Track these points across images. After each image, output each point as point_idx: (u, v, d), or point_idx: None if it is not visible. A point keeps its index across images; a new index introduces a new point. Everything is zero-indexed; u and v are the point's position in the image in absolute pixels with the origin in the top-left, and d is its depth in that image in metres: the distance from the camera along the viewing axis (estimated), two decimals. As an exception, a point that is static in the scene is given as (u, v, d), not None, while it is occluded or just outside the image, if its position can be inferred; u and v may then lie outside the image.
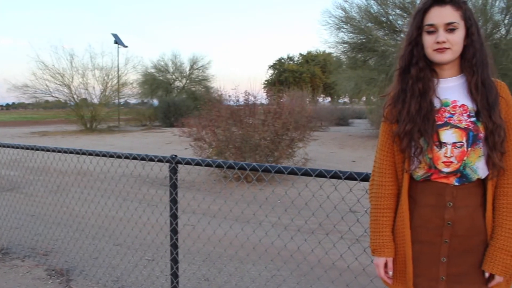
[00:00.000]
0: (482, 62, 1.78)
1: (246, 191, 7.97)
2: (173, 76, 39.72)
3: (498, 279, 1.77)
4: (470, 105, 1.77)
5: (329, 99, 51.17)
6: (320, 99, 49.25)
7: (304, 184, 3.96)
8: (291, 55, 57.95)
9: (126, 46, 35.36)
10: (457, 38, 1.75)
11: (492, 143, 1.73)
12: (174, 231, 3.34)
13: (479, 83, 1.76)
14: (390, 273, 1.91)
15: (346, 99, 37.15)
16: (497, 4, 18.03)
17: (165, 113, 32.50)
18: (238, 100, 10.56)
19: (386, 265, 1.91)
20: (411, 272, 1.84)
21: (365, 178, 2.46)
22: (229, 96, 11.45)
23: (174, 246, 3.35)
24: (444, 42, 1.73)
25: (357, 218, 3.11)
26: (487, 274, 1.79)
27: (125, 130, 29.72)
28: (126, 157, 3.51)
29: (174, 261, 3.35)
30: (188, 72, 39.57)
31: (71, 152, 3.89)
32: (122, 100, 34.77)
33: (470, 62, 1.78)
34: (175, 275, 3.36)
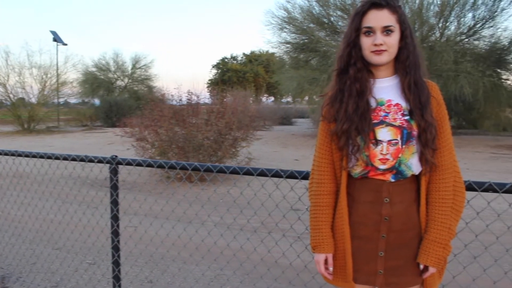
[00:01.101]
0: (415, 64, 1.86)
1: (188, 191, 7.92)
2: (115, 75, 38.79)
3: (431, 270, 1.86)
4: (404, 104, 1.85)
5: (272, 98, 51.60)
6: (264, 99, 49.61)
7: (246, 183, 3.98)
8: (234, 54, 58.12)
9: (66, 44, 34.22)
10: (393, 41, 1.82)
11: (425, 141, 1.81)
12: (115, 233, 3.28)
13: (412, 84, 1.84)
14: (331, 269, 1.96)
15: (289, 99, 37.56)
16: (432, 8, 18.77)
17: (107, 113, 31.72)
18: (181, 100, 10.47)
19: (326, 261, 1.96)
20: (350, 267, 1.90)
21: (305, 176, 2.51)
22: (172, 95, 11.34)
23: (116, 248, 3.29)
24: (381, 44, 1.80)
25: (299, 216, 3.17)
26: (421, 266, 1.87)
27: (65, 130, 28.77)
28: (65, 158, 3.41)
29: (116, 263, 3.29)
30: (130, 71, 38.74)
31: (6, 154, 3.74)
32: (61, 100, 33.60)
33: (404, 64, 1.86)
34: (117, 278, 3.31)
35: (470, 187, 2.26)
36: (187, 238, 4.33)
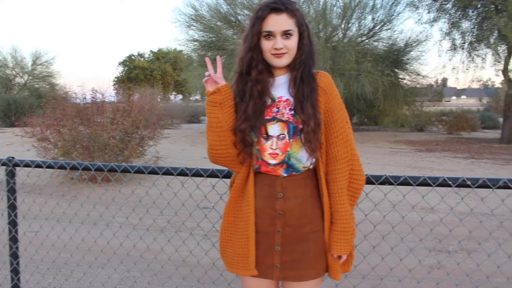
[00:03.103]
0: (304, 61, 1.91)
1: (92, 192, 7.65)
2: (13, 72, 36.52)
3: (344, 257, 1.95)
4: (291, 99, 1.90)
5: (180, 96, 51.13)
6: (172, 97, 49.07)
7: (152, 182, 3.89)
8: (141, 52, 56.86)
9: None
10: (293, 44, 1.87)
11: (305, 133, 1.86)
12: (13, 240, 3.09)
13: (298, 79, 1.89)
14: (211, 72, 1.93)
15: (198, 97, 37.43)
16: (335, 9, 19.52)
17: (5, 111, 29.70)
18: (85, 98, 10.07)
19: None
20: (253, 255, 1.92)
21: (211, 174, 2.51)
22: (76, 93, 10.88)
23: (14, 255, 3.11)
24: (281, 48, 1.84)
25: (205, 214, 3.17)
26: (335, 256, 1.94)
27: (-43, 130, 26.65)
28: (-47, 161, 3.16)
29: (15, 271, 3.11)
30: (30, 68, 36.67)
31: None
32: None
33: (295, 62, 1.91)
34: (16, 287, 3.12)
35: (368, 180, 2.38)
36: (92, 241, 4.18)
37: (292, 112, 1.88)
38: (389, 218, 4.08)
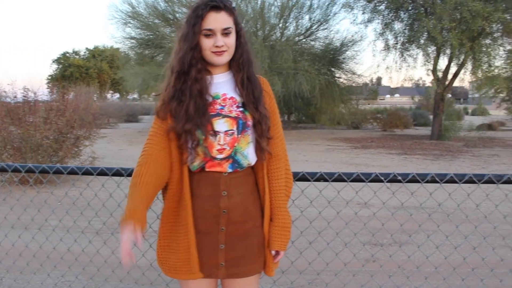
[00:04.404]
0: (248, 61, 1.96)
1: (23, 195, 7.36)
2: None
3: (282, 253, 1.99)
4: (238, 98, 1.94)
5: (118, 95, 50.03)
6: (109, 95, 47.94)
7: (86, 183, 3.79)
8: (76, 49, 55.07)
9: None
10: (232, 41, 1.90)
11: (260, 131, 1.92)
12: None
13: (245, 79, 1.94)
14: (139, 242, 1.84)
15: (135, 95, 36.80)
16: (273, 9, 19.74)
17: None
18: (16, 97, 9.66)
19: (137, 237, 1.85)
20: (196, 260, 1.91)
21: (147, 174, 2.48)
22: (6, 92, 10.40)
23: None
24: (222, 46, 1.86)
25: (142, 215, 3.12)
26: (273, 252, 1.98)
27: None
28: None
29: None
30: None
31: None
32: None
33: (238, 61, 1.95)
34: None
35: (304, 177, 2.44)
36: (23, 246, 4.02)
37: (241, 109, 1.92)
38: (325, 214, 4.18)
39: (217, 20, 1.85)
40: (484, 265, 4.08)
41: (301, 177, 2.44)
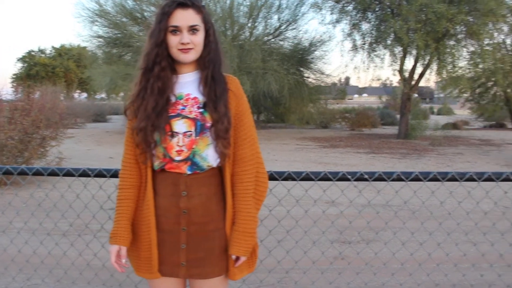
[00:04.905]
0: (214, 59, 1.95)
1: (-14, 197, 7.18)
2: None
3: (243, 259, 1.96)
4: (200, 97, 1.93)
5: (85, 94, 49.21)
6: (76, 95, 47.09)
7: (52, 184, 3.72)
8: (42, 47, 53.78)
9: None
10: (199, 39, 1.89)
11: (217, 131, 1.89)
12: None
13: (209, 77, 1.93)
14: (123, 260, 1.97)
15: (104, 95, 36.25)
16: (241, 8, 19.73)
17: None
18: (-22, 97, 9.42)
19: (120, 254, 1.97)
20: (156, 259, 1.92)
21: (114, 174, 2.47)
22: (-33, 91, 10.12)
23: None
24: (188, 43, 1.85)
25: (109, 215, 3.10)
26: (234, 257, 1.96)
27: None
28: None
29: None
30: None
31: None
32: None
33: (204, 60, 1.94)
34: None
35: (272, 177, 2.46)
36: (-13, 249, 3.94)
37: (201, 110, 1.90)
38: (293, 212, 4.22)
39: (184, 17, 1.85)
40: (448, 260, 4.18)
41: (269, 177, 2.45)
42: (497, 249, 4.05)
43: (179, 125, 1.89)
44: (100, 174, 2.51)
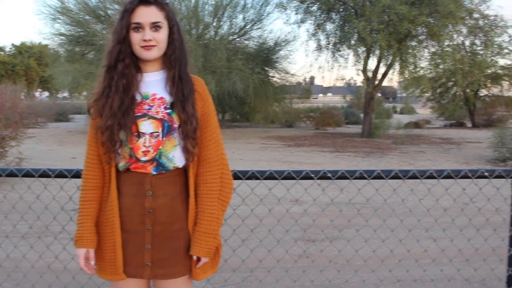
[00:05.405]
0: (180, 58, 1.94)
1: None
2: None
3: (204, 260, 1.96)
4: (167, 97, 1.92)
5: (47, 93, 48.14)
6: (37, 94, 46.03)
7: (10, 186, 3.61)
8: (1, 45, 52.39)
9: None
10: (162, 36, 1.88)
11: (185, 132, 1.89)
12: None
13: (176, 77, 1.92)
14: (92, 263, 1.95)
15: (66, 94, 35.51)
16: (207, 7, 19.66)
17: None
18: None
19: (88, 256, 1.95)
20: (120, 260, 1.90)
21: (76, 174, 2.44)
22: None
23: None
24: (150, 40, 1.84)
25: (70, 217, 3.05)
26: (195, 257, 1.95)
27: None
28: None
29: None
30: None
31: None
32: None
33: (170, 58, 1.93)
34: None
35: (236, 176, 2.46)
36: None
37: (168, 111, 1.89)
38: (257, 211, 4.23)
39: (146, 14, 1.84)
40: (410, 256, 4.28)
41: (233, 176, 2.46)
42: (456, 245, 4.16)
43: (146, 126, 1.88)
44: (61, 174, 2.47)
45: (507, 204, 2.79)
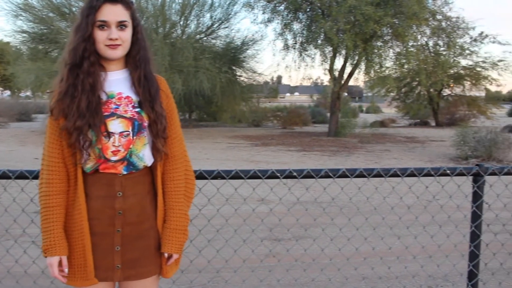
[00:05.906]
0: (145, 58, 1.93)
1: None
2: None
3: (175, 256, 1.96)
4: (134, 97, 1.90)
5: (8, 92, 46.98)
6: (-2, 93, 44.87)
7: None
8: (-40, 42, 50.74)
9: None
10: (128, 36, 1.86)
11: (156, 131, 1.89)
12: None
13: (142, 77, 1.91)
14: (66, 270, 1.88)
15: (29, 93, 34.72)
16: (174, 6, 19.54)
17: None
18: None
19: (60, 263, 1.88)
20: (91, 265, 1.86)
21: (37, 176, 2.37)
22: None
23: None
24: (117, 39, 1.82)
25: (32, 219, 2.98)
26: (166, 255, 1.95)
27: None
28: None
29: None
30: None
31: None
32: None
33: (135, 58, 1.91)
34: None
35: (201, 175, 2.44)
36: None
37: (137, 109, 1.87)
38: (223, 211, 4.23)
39: (113, 12, 1.82)
40: (375, 254, 4.34)
41: (198, 175, 2.44)
42: (419, 241, 4.23)
43: (115, 125, 1.85)
44: (21, 176, 2.41)
45: (468, 201, 2.85)
